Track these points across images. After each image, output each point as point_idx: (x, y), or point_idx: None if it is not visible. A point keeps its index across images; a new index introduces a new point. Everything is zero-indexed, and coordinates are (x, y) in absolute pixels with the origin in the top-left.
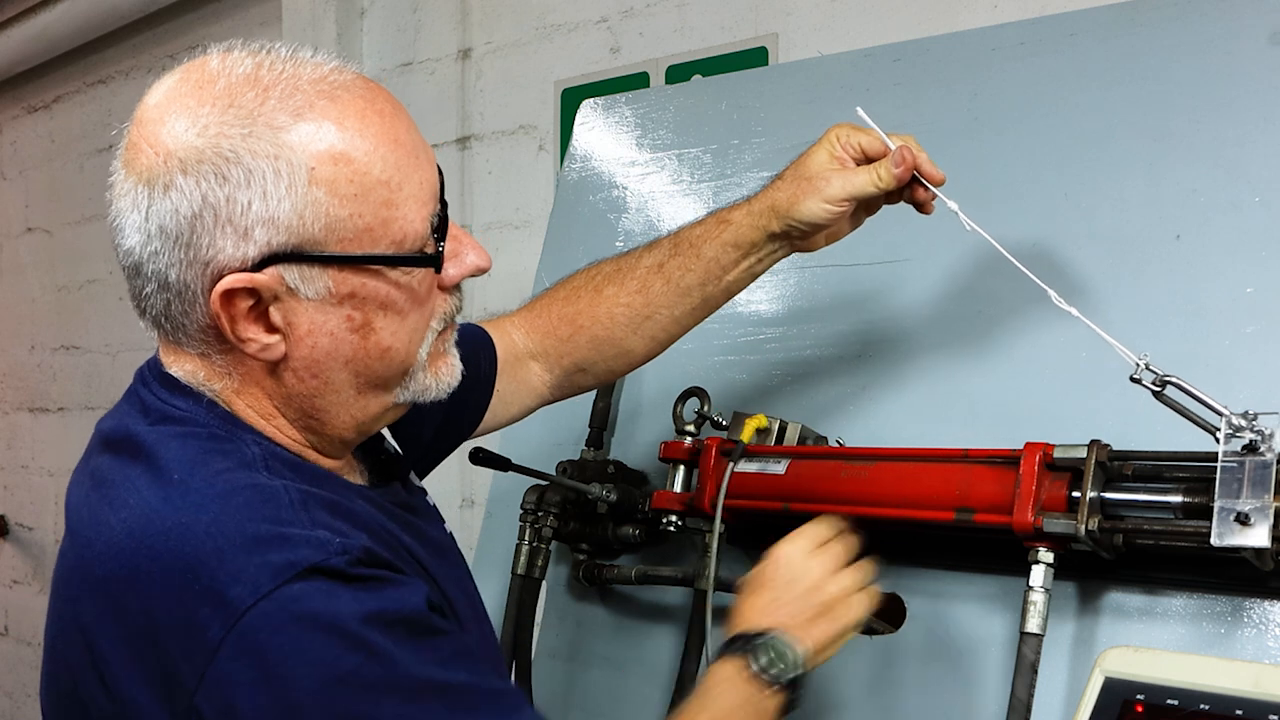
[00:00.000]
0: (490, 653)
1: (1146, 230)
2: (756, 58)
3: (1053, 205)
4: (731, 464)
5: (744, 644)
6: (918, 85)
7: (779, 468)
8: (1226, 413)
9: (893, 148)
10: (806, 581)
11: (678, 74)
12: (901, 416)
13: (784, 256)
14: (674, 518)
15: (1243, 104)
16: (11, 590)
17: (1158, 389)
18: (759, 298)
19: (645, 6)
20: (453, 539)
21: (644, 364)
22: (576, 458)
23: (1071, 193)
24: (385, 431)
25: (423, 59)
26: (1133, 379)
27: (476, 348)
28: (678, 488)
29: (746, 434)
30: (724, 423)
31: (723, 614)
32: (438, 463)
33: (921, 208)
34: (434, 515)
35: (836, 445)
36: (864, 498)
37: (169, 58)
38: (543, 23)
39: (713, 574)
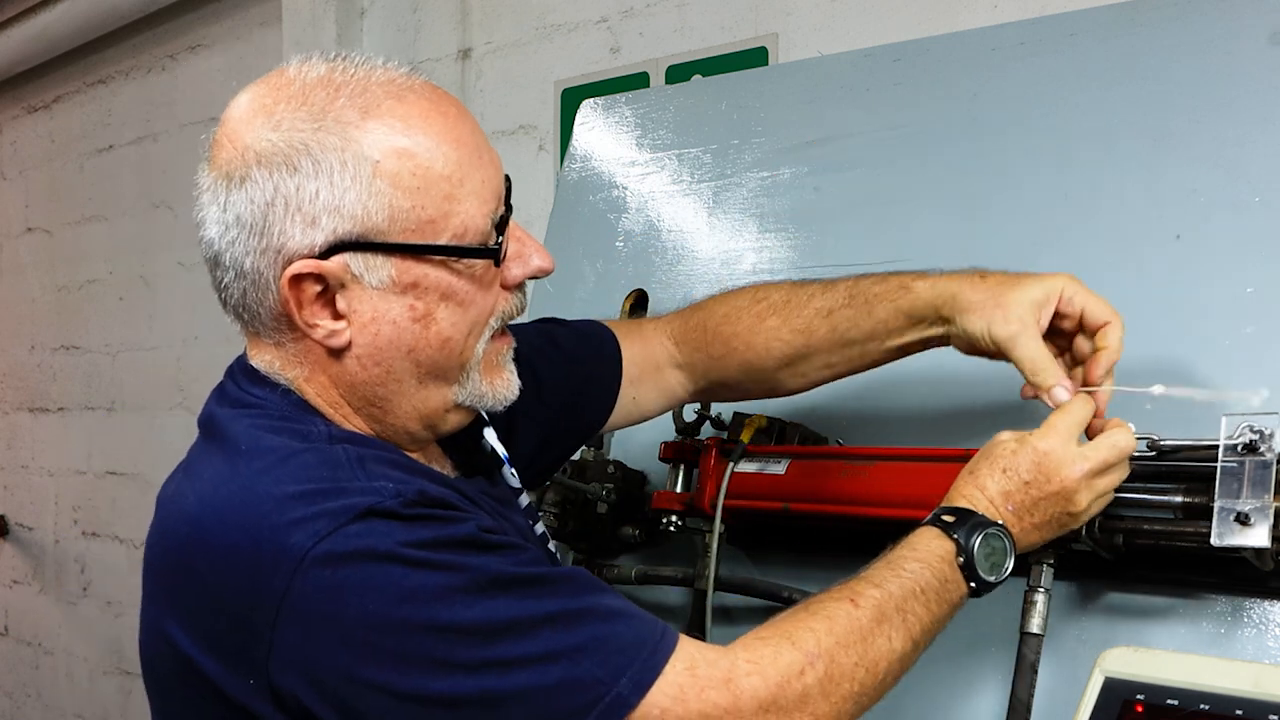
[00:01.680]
0: None
1: (1146, 230)
2: (756, 58)
3: (1053, 205)
4: (731, 464)
5: (969, 527)
6: (918, 85)
7: (779, 468)
8: (1221, 445)
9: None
10: (1061, 484)
11: (678, 74)
12: (901, 416)
13: (939, 345)
14: (674, 518)
15: (1243, 104)
16: (11, 590)
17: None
18: None
19: (645, 6)
20: (546, 538)
21: (789, 396)
22: (576, 458)
23: (1071, 193)
24: (490, 433)
25: (423, 59)
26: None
27: (599, 356)
28: (678, 488)
29: (746, 434)
30: (724, 422)
31: (723, 614)
32: (551, 472)
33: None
34: (529, 512)
35: (836, 445)
36: (864, 498)
37: (169, 58)
38: (543, 23)
39: (713, 574)
